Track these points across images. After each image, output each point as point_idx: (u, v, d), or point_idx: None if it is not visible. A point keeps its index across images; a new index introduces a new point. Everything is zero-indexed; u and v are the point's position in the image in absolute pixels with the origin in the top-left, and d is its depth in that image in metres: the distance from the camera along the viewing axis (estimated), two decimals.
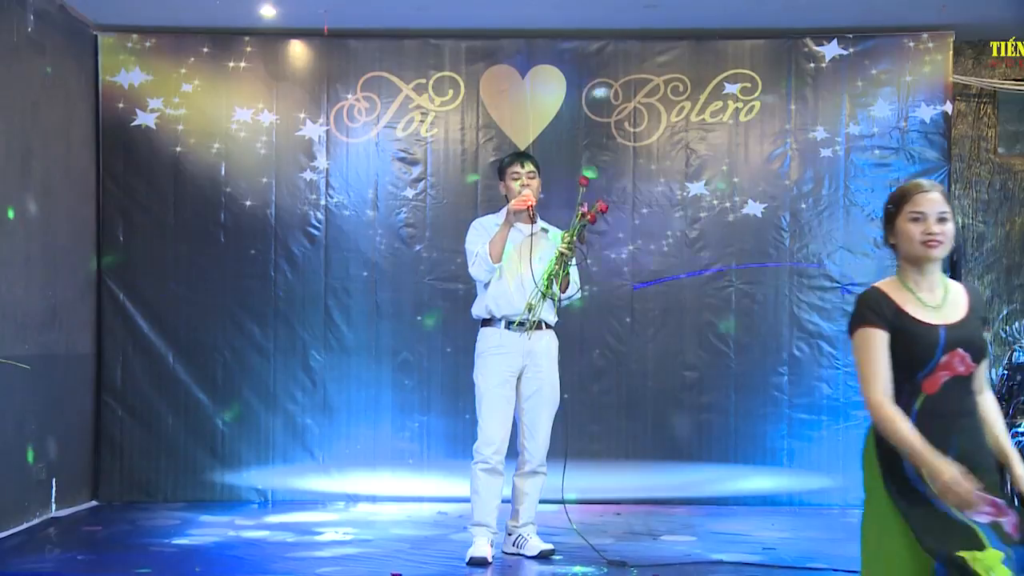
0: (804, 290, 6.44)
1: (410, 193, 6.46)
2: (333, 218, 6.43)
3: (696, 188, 6.50)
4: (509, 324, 4.74)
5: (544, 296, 4.69)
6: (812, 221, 6.46)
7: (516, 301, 4.75)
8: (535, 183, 4.83)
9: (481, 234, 4.84)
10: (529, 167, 4.85)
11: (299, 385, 6.43)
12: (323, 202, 6.42)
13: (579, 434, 6.03)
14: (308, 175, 6.46)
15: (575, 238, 4.74)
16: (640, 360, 6.46)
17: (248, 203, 6.44)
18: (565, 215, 4.95)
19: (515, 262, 4.79)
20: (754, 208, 6.46)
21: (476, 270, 4.81)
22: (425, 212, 6.45)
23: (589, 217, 4.68)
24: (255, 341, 6.43)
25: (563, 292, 4.79)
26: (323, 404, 6.43)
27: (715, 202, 6.49)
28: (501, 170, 4.93)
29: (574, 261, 4.84)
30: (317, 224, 6.43)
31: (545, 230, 4.91)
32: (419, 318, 6.46)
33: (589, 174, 5.62)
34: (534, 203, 4.76)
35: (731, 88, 6.48)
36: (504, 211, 4.88)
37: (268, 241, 6.40)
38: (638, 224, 6.46)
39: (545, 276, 4.70)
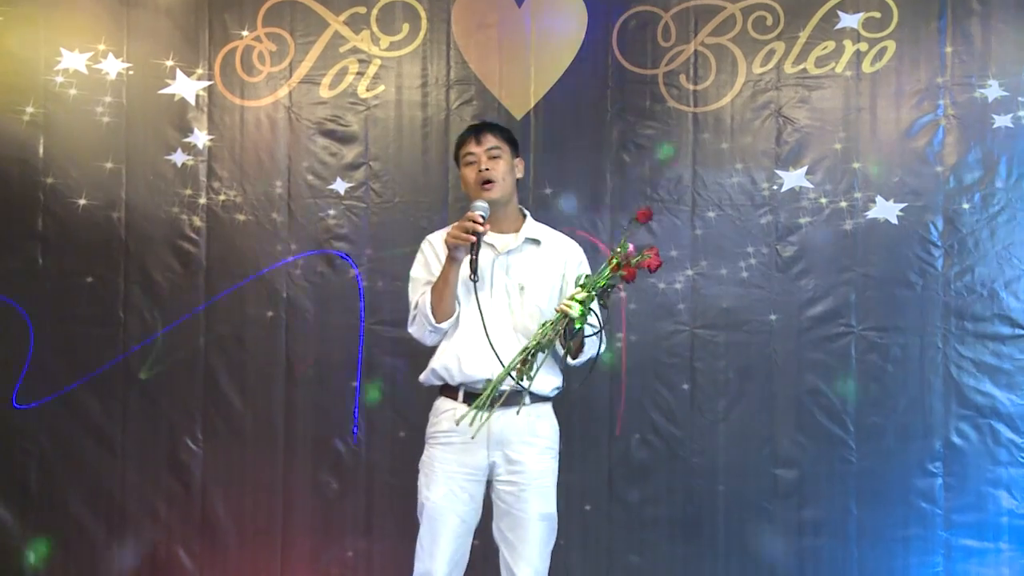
0: (968, 339, 4.86)
1: (341, 187, 5.02)
2: (219, 226, 5.00)
3: (793, 179, 4.89)
4: (470, 397, 3.63)
5: (516, 380, 3.51)
6: (980, 230, 4.87)
7: (485, 360, 3.58)
8: (500, 165, 3.66)
9: (431, 264, 3.77)
10: (491, 141, 3.73)
11: (163, 492, 5.00)
12: (203, 200, 5.01)
13: (611, 567, 4.87)
14: (179, 157, 5.02)
15: (595, 295, 3.47)
16: (706, 451, 4.98)
17: (82, 202, 5.02)
18: (582, 224, 4.45)
19: (486, 296, 3.65)
20: (886, 210, 4.87)
21: (416, 330, 3.75)
22: (365, 217, 5.02)
23: (625, 272, 3.44)
24: (92, 422, 4.96)
25: (572, 359, 3.69)
26: (202, 522, 4.99)
27: (823, 200, 4.91)
28: (456, 154, 3.87)
29: (582, 328, 3.55)
30: (193, 236, 5.00)
31: (536, 241, 3.76)
32: (354, 384, 5.02)
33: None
34: (485, 230, 3.50)
35: (849, 20, 4.87)
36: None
37: (115, 262, 5.01)
38: (701, 235, 4.92)
39: (533, 343, 3.49)
